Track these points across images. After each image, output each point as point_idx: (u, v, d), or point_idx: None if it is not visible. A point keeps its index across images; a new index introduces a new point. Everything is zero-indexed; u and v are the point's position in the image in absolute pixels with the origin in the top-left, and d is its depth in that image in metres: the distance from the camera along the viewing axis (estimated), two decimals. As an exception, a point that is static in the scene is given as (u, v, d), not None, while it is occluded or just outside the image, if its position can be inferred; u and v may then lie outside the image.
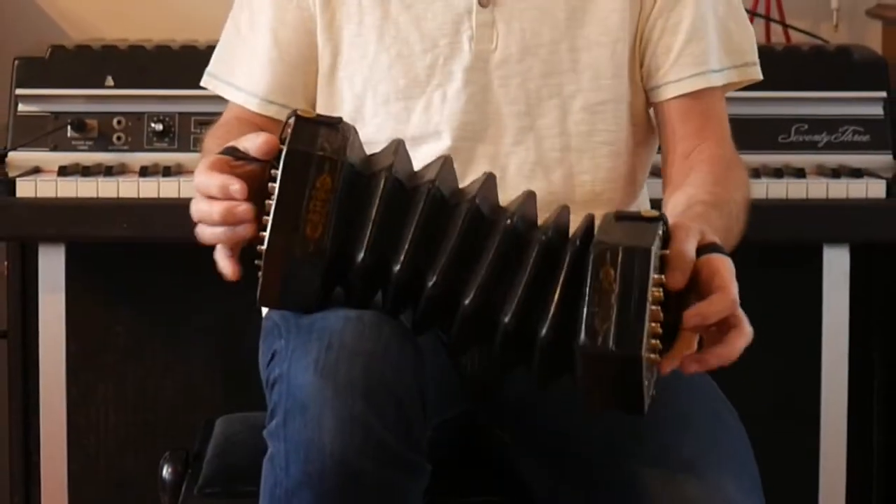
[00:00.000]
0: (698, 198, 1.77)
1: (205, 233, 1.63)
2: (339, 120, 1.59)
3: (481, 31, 1.91)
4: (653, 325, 1.49)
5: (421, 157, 1.87)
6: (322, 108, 1.96)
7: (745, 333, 1.53)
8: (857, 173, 2.66)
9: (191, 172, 2.52)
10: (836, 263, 2.68)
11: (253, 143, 1.61)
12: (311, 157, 1.54)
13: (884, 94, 2.73)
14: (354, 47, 1.94)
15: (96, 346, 2.70)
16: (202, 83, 2.04)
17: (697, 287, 1.53)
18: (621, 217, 1.54)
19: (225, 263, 1.63)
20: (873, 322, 2.76)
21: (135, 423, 2.73)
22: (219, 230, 1.61)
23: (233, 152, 1.63)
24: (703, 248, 1.56)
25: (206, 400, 2.70)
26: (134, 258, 2.69)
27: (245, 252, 1.63)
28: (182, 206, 1.67)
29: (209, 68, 2.04)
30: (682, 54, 1.93)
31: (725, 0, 1.98)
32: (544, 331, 1.55)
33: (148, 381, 2.73)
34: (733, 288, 1.53)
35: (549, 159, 1.92)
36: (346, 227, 1.57)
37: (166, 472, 2.08)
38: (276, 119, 1.95)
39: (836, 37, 3.12)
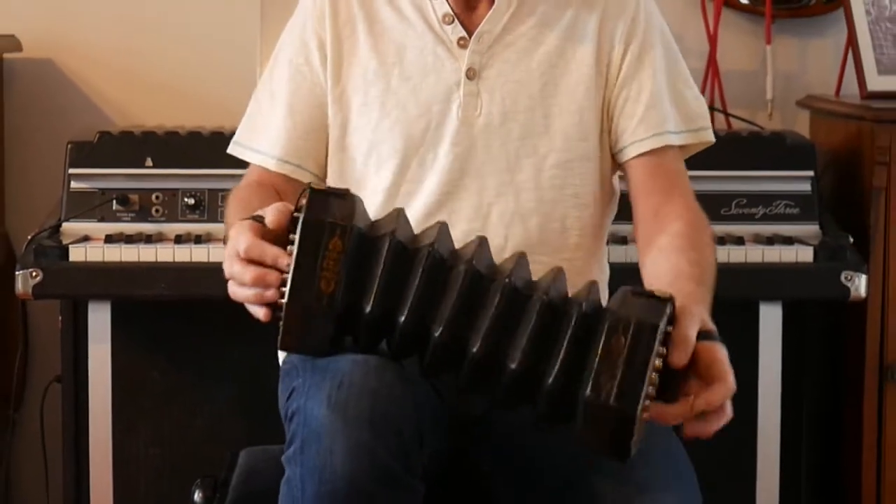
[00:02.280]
0: (683, 270, 1.78)
1: (236, 293, 1.66)
2: (347, 191, 1.63)
3: (468, 99, 1.95)
4: (650, 389, 1.54)
5: (414, 208, 1.94)
6: (334, 170, 2.01)
7: (728, 386, 1.58)
8: (788, 241, 2.70)
9: (219, 240, 2.56)
10: (771, 318, 2.71)
11: (268, 219, 1.65)
12: (324, 223, 1.58)
13: (811, 173, 2.77)
14: (361, 115, 1.98)
15: (137, 389, 2.70)
16: (228, 150, 2.07)
17: (696, 367, 1.59)
18: (636, 293, 1.58)
19: (255, 309, 1.66)
20: (803, 368, 2.77)
21: (170, 454, 2.72)
22: (249, 291, 1.63)
23: (260, 220, 1.67)
24: (702, 334, 1.60)
25: (231, 435, 2.69)
26: (170, 314, 2.69)
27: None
28: (211, 268, 1.71)
29: (235, 138, 2.07)
30: (643, 118, 1.96)
31: (678, 72, 2.03)
32: (550, 379, 1.57)
33: (182, 419, 2.72)
34: (731, 377, 1.59)
35: (526, 209, 1.95)
36: (355, 284, 1.60)
37: (198, 496, 2.11)
38: (290, 177, 2.00)
39: (771, 124, 3.14)
